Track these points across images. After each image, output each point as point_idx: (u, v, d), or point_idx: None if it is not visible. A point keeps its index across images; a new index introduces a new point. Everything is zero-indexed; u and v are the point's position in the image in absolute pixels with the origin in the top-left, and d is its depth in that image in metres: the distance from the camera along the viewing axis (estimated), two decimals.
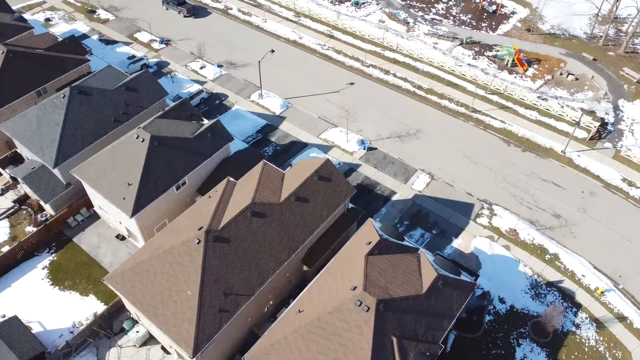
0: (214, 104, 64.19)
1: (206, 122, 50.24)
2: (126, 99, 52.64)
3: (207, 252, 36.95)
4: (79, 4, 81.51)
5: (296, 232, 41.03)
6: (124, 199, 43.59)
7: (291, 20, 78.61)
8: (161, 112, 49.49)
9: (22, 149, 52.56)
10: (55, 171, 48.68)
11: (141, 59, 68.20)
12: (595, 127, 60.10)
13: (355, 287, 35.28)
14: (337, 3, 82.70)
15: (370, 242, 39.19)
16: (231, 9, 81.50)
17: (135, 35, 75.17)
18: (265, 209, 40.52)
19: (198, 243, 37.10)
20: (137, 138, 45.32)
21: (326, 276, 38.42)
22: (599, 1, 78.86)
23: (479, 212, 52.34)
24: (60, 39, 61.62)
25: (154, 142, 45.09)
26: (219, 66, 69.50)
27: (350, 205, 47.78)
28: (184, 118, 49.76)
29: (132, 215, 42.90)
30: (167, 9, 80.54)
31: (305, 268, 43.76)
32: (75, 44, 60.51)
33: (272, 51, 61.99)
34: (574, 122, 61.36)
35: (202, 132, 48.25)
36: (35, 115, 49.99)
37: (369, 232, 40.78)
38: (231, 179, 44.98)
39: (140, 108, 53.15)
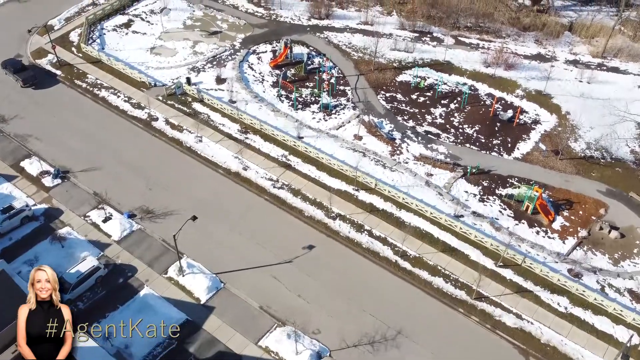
0: (115, 284, 46.15)
1: None
2: None
3: None
4: None
5: None
6: None
7: (235, 139, 59.09)
8: None
9: None
10: None
11: (22, 210, 49.69)
12: None
13: None
14: (300, 107, 63.92)
15: None
16: (156, 119, 61.62)
17: (22, 163, 56.08)
18: None
19: None
20: None
21: None
22: None
23: None
24: None
25: None
26: (130, 216, 51.47)
27: None
28: None
29: None
30: (5, 74, 67.97)
31: None
32: None
33: (194, 218, 44.12)
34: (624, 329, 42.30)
35: None
36: None
37: None
38: None
39: None
